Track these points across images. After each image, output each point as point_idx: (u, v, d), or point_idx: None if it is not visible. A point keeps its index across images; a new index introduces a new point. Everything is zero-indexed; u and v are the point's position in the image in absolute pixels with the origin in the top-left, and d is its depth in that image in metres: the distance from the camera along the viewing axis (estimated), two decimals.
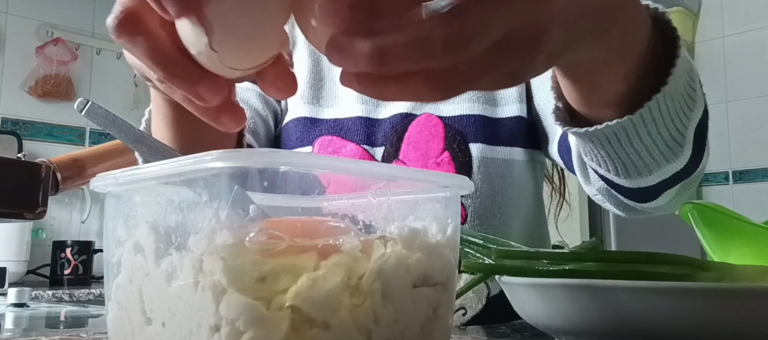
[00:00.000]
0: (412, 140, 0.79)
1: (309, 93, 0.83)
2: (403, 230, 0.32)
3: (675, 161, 0.53)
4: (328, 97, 0.84)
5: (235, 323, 0.27)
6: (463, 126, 0.79)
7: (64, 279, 2.16)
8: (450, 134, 0.79)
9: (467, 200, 0.78)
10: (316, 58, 0.86)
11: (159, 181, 0.31)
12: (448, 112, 0.80)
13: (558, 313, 0.39)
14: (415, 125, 0.80)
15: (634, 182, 0.56)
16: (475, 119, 0.80)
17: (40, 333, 0.74)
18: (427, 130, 0.80)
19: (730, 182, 2.88)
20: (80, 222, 2.51)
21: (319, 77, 0.85)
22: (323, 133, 0.81)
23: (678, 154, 0.52)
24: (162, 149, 0.41)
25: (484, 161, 0.79)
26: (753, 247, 0.48)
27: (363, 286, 0.30)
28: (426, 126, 0.80)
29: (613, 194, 0.63)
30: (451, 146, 0.78)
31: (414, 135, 0.80)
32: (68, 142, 2.53)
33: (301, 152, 0.28)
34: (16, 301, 1.38)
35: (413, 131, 0.80)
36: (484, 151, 0.79)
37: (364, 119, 0.81)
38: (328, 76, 0.85)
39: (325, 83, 0.85)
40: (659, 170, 0.54)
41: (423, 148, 0.79)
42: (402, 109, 0.81)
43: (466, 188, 0.36)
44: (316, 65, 0.86)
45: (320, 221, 0.31)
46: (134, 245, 0.32)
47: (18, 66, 2.47)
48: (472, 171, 0.78)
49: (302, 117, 0.82)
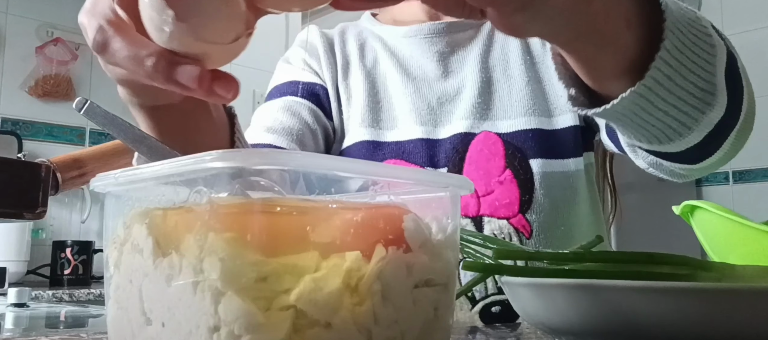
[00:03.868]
0: (473, 160, 0.80)
1: (368, 116, 0.84)
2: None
3: (711, 111, 0.51)
4: (387, 120, 0.84)
5: (232, 326, 0.27)
6: (521, 142, 0.80)
7: (64, 279, 2.16)
8: (510, 152, 0.80)
9: (532, 216, 0.78)
10: (372, 80, 0.86)
11: (159, 181, 0.31)
12: (505, 129, 0.81)
13: (558, 313, 0.39)
14: (476, 144, 0.81)
15: (678, 144, 0.54)
16: (532, 133, 0.80)
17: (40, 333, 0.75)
18: (487, 148, 0.80)
19: (730, 182, 2.88)
20: (80, 222, 2.51)
21: (376, 100, 0.85)
22: (387, 157, 0.81)
23: (712, 103, 0.51)
24: (162, 149, 0.41)
25: (545, 176, 0.79)
26: (753, 247, 0.48)
27: (363, 287, 0.29)
28: (486, 144, 0.80)
29: (664, 166, 0.62)
30: (512, 164, 0.79)
31: (475, 154, 0.80)
32: (68, 142, 2.53)
33: (302, 152, 0.29)
34: (16, 301, 1.38)
35: (474, 151, 0.80)
36: (544, 166, 0.79)
37: (425, 141, 0.81)
38: (384, 98, 0.86)
39: (382, 105, 0.85)
40: (699, 125, 0.52)
41: (484, 167, 0.79)
42: (461, 129, 0.81)
43: (466, 187, 0.36)
44: (372, 88, 0.86)
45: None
46: (134, 245, 0.32)
47: (18, 66, 2.47)
48: (534, 188, 0.79)
49: (365, 141, 0.83)
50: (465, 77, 0.84)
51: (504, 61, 0.85)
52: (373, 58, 0.89)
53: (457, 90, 0.84)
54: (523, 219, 0.78)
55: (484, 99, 0.82)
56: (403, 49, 0.87)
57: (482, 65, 0.84)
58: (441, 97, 0.84)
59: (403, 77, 0.85)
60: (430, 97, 0.84)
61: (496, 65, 0.85)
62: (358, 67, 0.88)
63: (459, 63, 0.86)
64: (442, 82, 0.85)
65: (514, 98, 0.82)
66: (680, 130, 0.52)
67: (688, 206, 0.54)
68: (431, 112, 0.83)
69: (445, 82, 0.84)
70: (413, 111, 0.83)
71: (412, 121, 0.82)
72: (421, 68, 0.85)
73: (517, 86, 0.83)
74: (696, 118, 0.51)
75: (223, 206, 0.29)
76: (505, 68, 0.85)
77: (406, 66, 0.86)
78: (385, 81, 0.86)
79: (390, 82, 0.86)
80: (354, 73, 0.88)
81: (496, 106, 0.82)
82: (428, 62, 0.86)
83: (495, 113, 0.82)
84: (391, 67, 0.86)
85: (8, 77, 2.46)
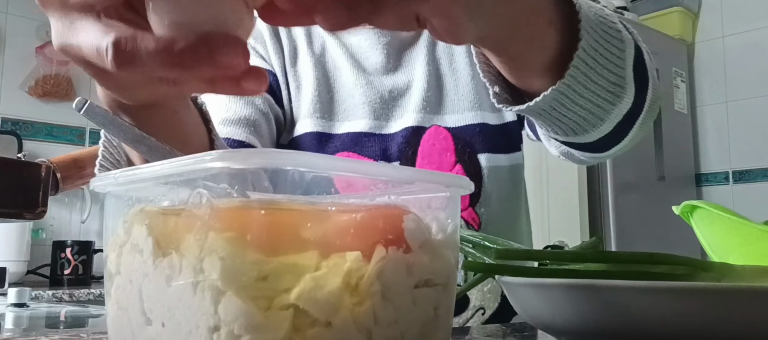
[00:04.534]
0: (426, 154, 0.81)
1: (319, 106, 0.83)
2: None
3: (621, 103, 0.55)
4: (338, 112, 0.84)
5: (231, 326, 0.27)
6: (469, 136, 0.82)
7: (64, 279, 2.16)
8: (459, 146, 0.82)
9: (480, 209, 0.81)
10: (322, 69, 0.85)
11: (159, 181, 0.31)
12: (453, 123, 0.82)
13: (558, 313, 0.39)
14: (427, 138, 0.82)
15: (589, 135, 0.58)
16: (479, 128, 0.82)
17: (40, 333, 0.75)
18: (439, 143, 0.82)
19: (730, 182, 2.88)
20: (80, 222, 2.51)
21: (327, 89, 0.84)
22: (338, 149, 0.81)
23: (621, 95, 0.54)
24: (161, 149, 0.41)
25: (492, 170, 0.82)
26: (753, 247, 0.48)
27: (363, 287, 0.30)
28: (437, 139, 0.82)
29: (575, 155, 0.67)
30: (462, 158, 0.81)
31: (427, 149, 0.81)
32: (68, 142, 2.53)
33: (302, 152, 0.28)
34: (16, 301, 1.38)
35: (426, 145, 0.81)
36: (492, 160, 0.82)
37: (377, 135, 0.81)
38: (335, 89, 0.85)
39: (333, 96, 0.84)
40: (609, 116, 0.55)
41: (437, 161, 0.81)
42: (411, 123, 0.82)
43: (466, 188, 0.36)
44: (323, 77, 0.85)
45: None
46: (133, 245, 0.32)
47: (18, 66, 2.48)
48: (483, 181, 0.81)
49: (315, 132, 0.82)
50: (414, 71, 0.85)
51: (449, 55, 0.86)
52: (321, 45, 0.87)
53: (406, 84, 0.84)
54: (473, 212, 0.81)
55: (433, 93, 0.83)
56: (351, 40, 0.86)
57: (430, 58, 0.85)
58: (393, 91, 0.84)
59: (354, 69, 0.84)
60: (381, 90, 0.83)
61: (442, 58, 0.86)
62: (306, 53, 0.86)
63: (407, 57, 0.86)
64: (392, 76, 0.85)
65: (461, 92, 0.84)
66: (594, 121, 0.55)
67: (688, 206, 0.54)
68: (384, 105, 0.83)
69: (395, 76, 0.85)
70: (366, 104, 0.82)
71: (363, 113, 0.82)
72: (371, 60, 0.85)
73: (463, 80, 0.85)
74: (607, 110, 0.54)
75: (223, 205, 0.29)
76: (450, 62, 0.86)
77: (357, 57, 0.85)
78: (335, 71, 0.85)
79: (341, 72, 0.85)
80: (302, 60, 0.86)
81: (445, 101, 0.84)
82: (378, 55, 0.85)
83: (443, 108, 0.84)
84: (340, 56, 0.85)
85: (8, 77, 2.46)
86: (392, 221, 0.32)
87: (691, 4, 2.95)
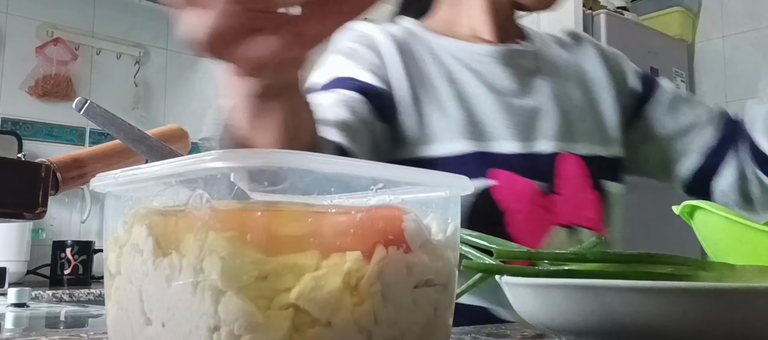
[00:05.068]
0: (568, 177, 0.84)
1: (467, 128, 0.82)
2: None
3: None
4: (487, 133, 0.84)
5: (231, 326, 0.27)
6: (596, 165, 0.87)
7: (64, 279, 2.16)
8: (592, 172, 0.86)
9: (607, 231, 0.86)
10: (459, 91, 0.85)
11: (159, 181, 0.31)
12: (582, 151, 0.86)
13: (558, 313, 0.39)
14: (564, 163, 0.84)
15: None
16: (602, 159, 0.88)
17: (40, 333, 0.75)
18: (574, 168, 0.85)
19: None
20: (80, 222, 2.51)
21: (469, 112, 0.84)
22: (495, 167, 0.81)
23: None
24: (161, 149, 0.41)
25: (613, 198, 0.87)
26: (753, 247, 0.48)
27: (363, 287, 0.30)
28: (572, 164, 0.85)
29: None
30: (596, 184, 0.86)
31: (568, 172, 0.84)
32: (68, 142, 2.53)
33: (301, 152, 0.28)
34: (16, 301, 1.38)
35: (566, 168, 0.85)
36: (612, 188, 0.87)
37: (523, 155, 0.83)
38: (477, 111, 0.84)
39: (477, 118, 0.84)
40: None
41: (579, 185, 0.84)
42: (548, 148, 0.84)
43: (466, 188, 0.36)
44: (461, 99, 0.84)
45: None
46: (133, 245, 0.32)
47: (18, 66, 2.47)
48: (610, 207, 0.86)
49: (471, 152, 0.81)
50: (541, 98, 0.88)
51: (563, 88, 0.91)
52: (449, 70, 0.87)
53: (538, 110, 0.87)
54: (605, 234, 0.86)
55: (564, 120, 0.87)
56: (481, 66, 0.88)
57: (553, 87, 0.89)
58: (530, 114, 0.86)
59: (491, 93, 0.86)
60: (520, 113, 0.86)
61: (561, 91, 0.90)
62: (437, 75, 0.86)
63: (534, 84, 0.89)
64: (527, 100, 0.87)
65: (587, 123, 0.89)
66: None
67: (688, 206, 0.54)
68: (525, 128, 0.85)
69: (529, 100, 0.87)
70: (511, 126, 0.84)
71: (509, 135, 0.84)
72: (505, 86, 0.87)
73: (584, 112, 0.90)
74: None
75: (224, 205, 0.29)
76: (569, 95, 0.90)
77: (492, 82, 0.87)
78: (473, 94, 0.86)
79: (479, 96, 0.86)
80: (434, 82, 0.85)
81: (573, 129, 0.87)
82: (509, 81, 0.87)
83: (573, 136, 0.87)
84: (471, 79, 0.86)
85: (8, 77, 2.46)
86: (392, 222, 0.32)
87: (691, 4, 2.95)
